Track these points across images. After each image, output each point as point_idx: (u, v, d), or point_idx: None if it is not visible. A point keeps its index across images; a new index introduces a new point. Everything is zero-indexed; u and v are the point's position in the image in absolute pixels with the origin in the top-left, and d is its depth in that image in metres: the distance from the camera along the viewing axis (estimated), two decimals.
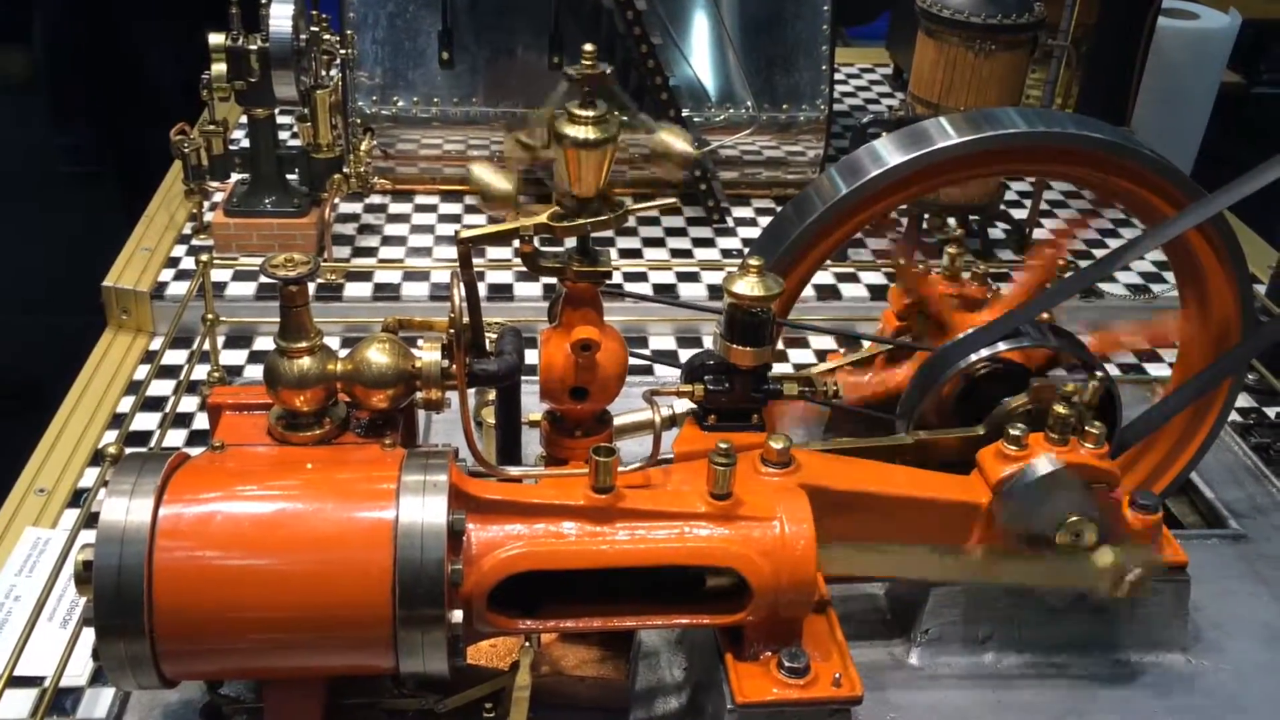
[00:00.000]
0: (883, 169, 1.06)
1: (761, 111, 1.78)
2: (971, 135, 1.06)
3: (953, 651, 1.03)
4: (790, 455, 0.94)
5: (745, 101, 1.77)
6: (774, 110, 1.79)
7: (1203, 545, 1.18)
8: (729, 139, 1.74)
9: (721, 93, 1.79)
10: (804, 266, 1.10)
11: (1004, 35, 1.49)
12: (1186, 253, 1.08)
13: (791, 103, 1.79)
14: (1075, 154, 1.06)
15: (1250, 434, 1.35)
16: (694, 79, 1.78)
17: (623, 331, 1.52)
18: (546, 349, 0.92)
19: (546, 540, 0.85)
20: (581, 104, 0.85)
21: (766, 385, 0.98)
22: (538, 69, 1.73)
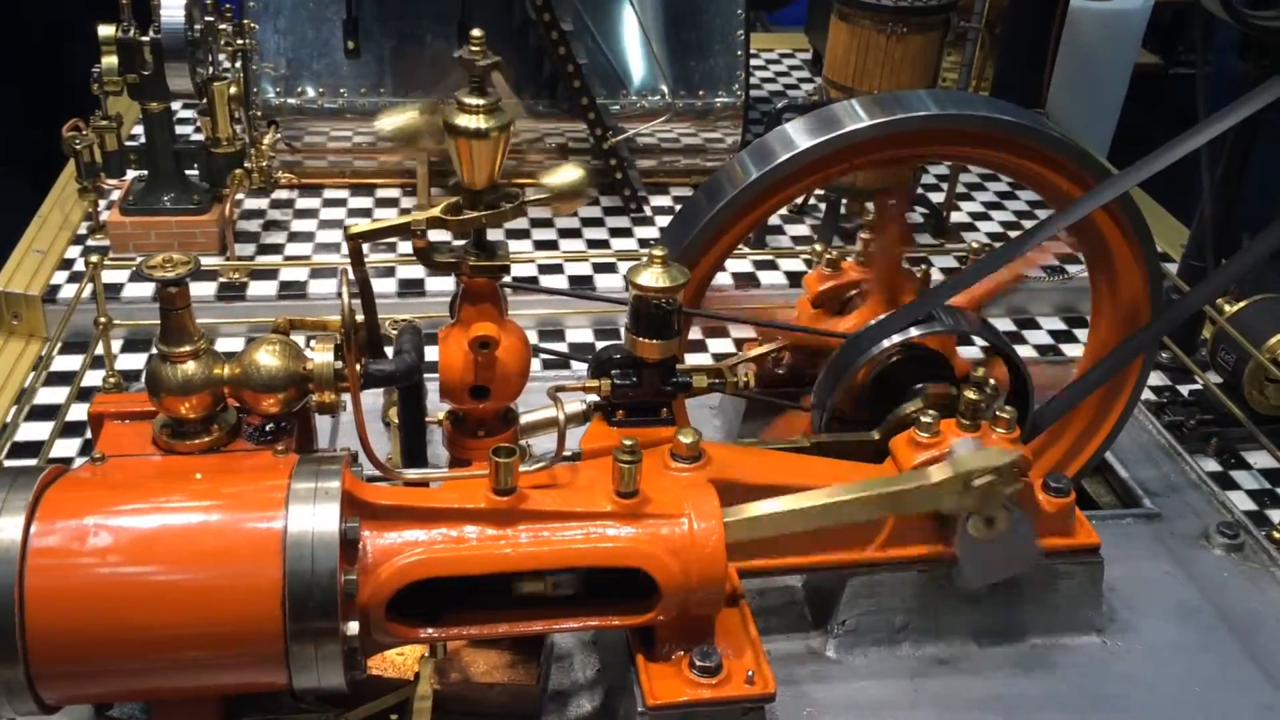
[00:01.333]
0: (792, 153, 1.04)
1: (677, 98, 1.76)
2: (881, 118, 1.04)
3: (870, 642, 1.01)
4: (700, 449, 0.92)
5: (661, 88, 1.75)
6: (690, 97, 1.77)
7: (1117, 525, 1.19)
8: (643, 127, 1.72)
9: (637, 80, 1.77)
10: (716, 252, 1.08)
11: (915, 18, 1.48)
12: (1095, 234, 1.08)
13: (708, 89, 1.77)
14: (984, 136, 1.05)
15: (1164, 412, 1.36)
16: (609, 66, 1.75)
17: (539, 325, 1.51)
18: (444, 347, 0.89)
19: (446, 546, 0.82)
20: (471, 92, 0.82)
21: (675, 378, 0.96)
22: (447, 57, 1.70)
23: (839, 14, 1.53)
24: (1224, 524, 1.16)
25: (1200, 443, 1.33)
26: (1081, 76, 2.37)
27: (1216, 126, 0.99)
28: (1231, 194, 1.37)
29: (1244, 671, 1.02)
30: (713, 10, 1.74)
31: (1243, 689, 1.00)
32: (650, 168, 1.82)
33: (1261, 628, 1.06)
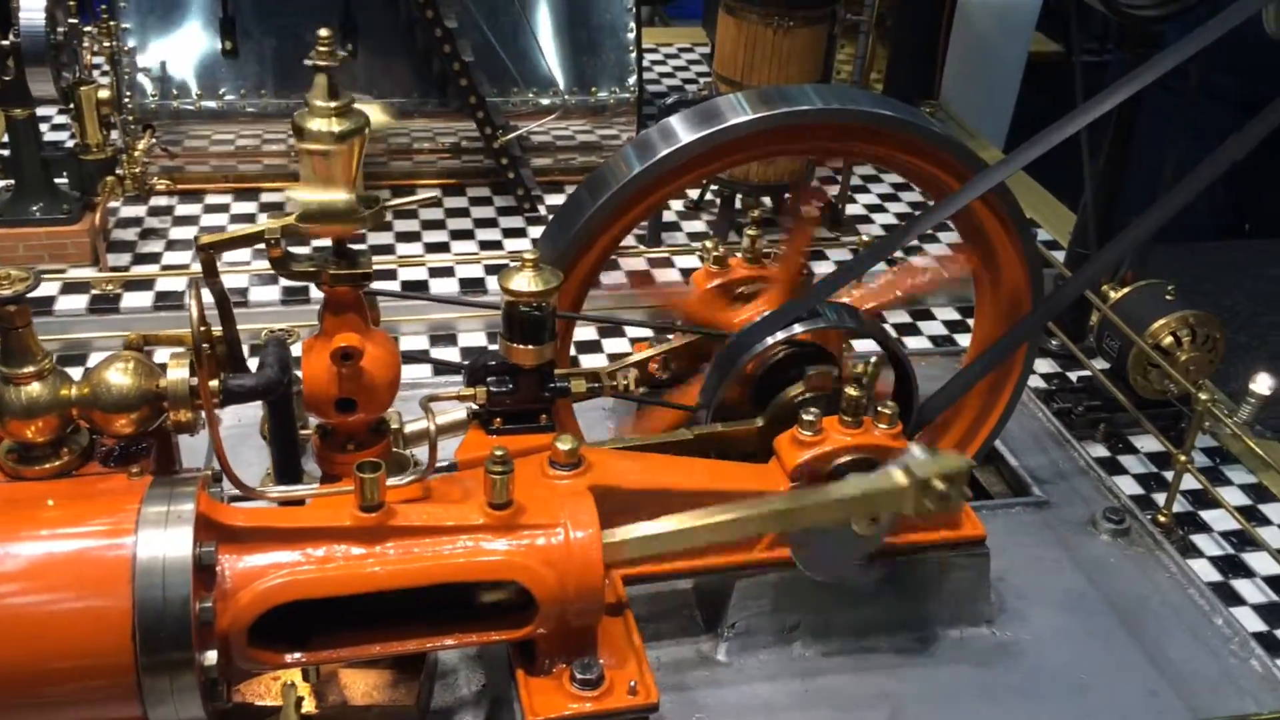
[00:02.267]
0: (674, 147, 1.02)
1: (569, 95, 1.73)
2: (763, 113, 1.03)
3: (761, 644, 1.00)
4: (580, 455, 0.90)
5: (552, 85, 1.72)
6: (582, 94, 1.74)
7: (1007, 514, 1.19)
8: (535, 124, 1.69)
9: (528, 77, 1.74)
10: (599, 248, 1.06)
11: (802, 11, 1.47)
12: (974, 226, 1.08)
13: (600, 85, 1.75)
14: (865, 131, 1.04)
15: (1053, 400, 1.37)
16: (499, 63, 1.72)
17: (430, 330, 1.48)
18: (307, 360, 0.85)
19: (310, 567, 0.79)
20: (324, 95, 0.79)
21: (553, 384, 0.94)
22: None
23: (726, 8, 1.52)
24: (1110, 509, 1.18)
25: (1089, 429, 1.35)
26: (975, 67, 2.39)
27: (1087, 115, 0.99)
28: (1114, 181, 1.39)
29: (1129, 656, 1.03)
30: (603, 6, 1.72)
31: (1128, 674, 1.01)
32: (545, 166, 1.80)
33: (1146, 611, 1.07)
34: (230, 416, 1.23)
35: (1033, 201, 1.87)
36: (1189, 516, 1.24)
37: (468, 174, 1.77)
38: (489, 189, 1.76)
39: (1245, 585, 1.14)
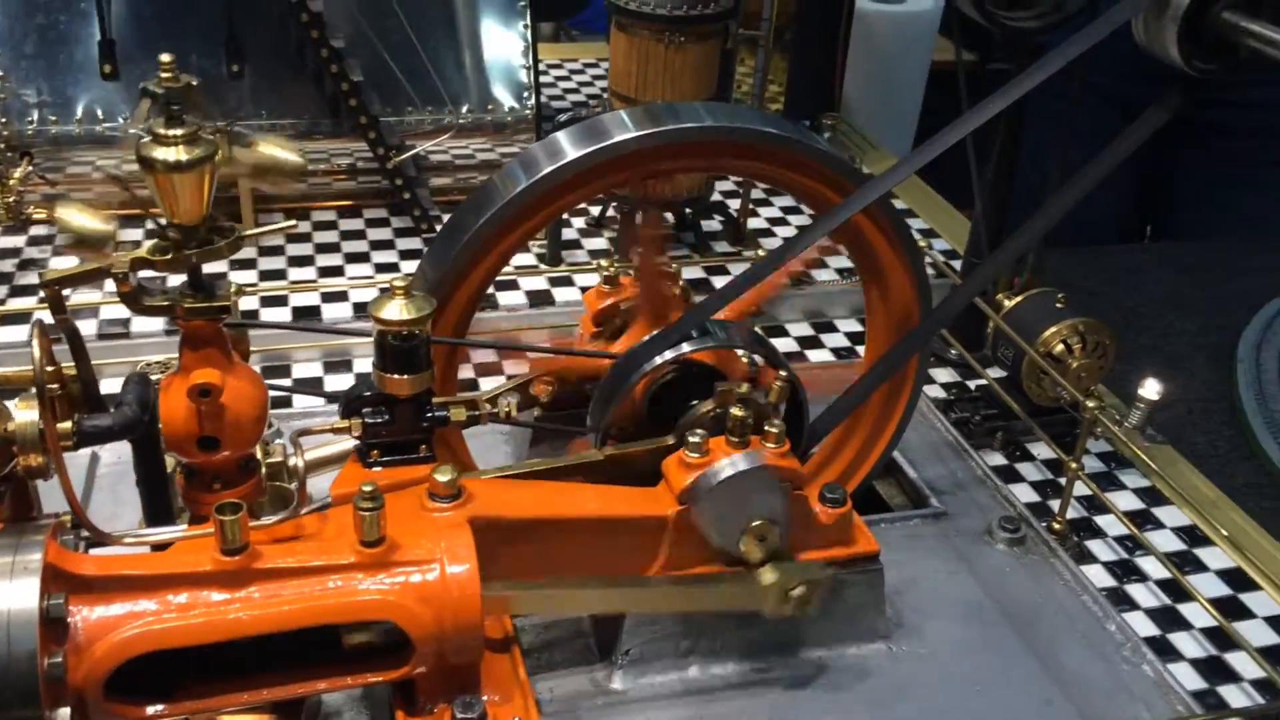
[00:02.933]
0: (558, 164, 1.00)
1: (465, 113, 1.71)
2: (650, 129, 1.02)
3: (656, 670, 0.99)
4: (459, 486, 0.87)
5: (447, 104, 1.70)
6: (479, 111, 1.72)
7: (905, 526, 1.19)
8: (429, 144, 1.66)
9: (424, 96, 1.71)
10: (483, 269, 1.03)
11: (693, 27, 1.47)
12: (859, 240, 1.07)
13: (497, 102, 1.73)
14: (748, 149, 1.03)
15: (952, 409, 1.38)
16: (393, 82, 1.69)
17: (324, 358, 1.44)
18: (165, 398, 0.82)
19: (169, 615, 0.75)
20: (167, 121, 0.76)
21: (431, 413, 0.92)
22: (215, 78, 1.61)
23: (618, 25, 1.51)
24: (1005, 518, 1.18)
25: (986, 437, 1.35)
26: (877, 78, 2.42)
27: (965, 128, 0.99)
28: (1003, 190, 1.40)
29: (1025, 666, 1.03)
30: (498, 23, 1.70)
31: (1024, 685, 1.01)
32: (445, 185, 1.77)
33: (1041, 620, 1.08)
34: (110, 454, 1.19)
35: (932, 211, 1.88)
36: (1084, 522, 1.25)
37: (364, 195, 1.74)
38: (386, 210, 1.73)
39: (1138, 589, 1.15)
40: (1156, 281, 2.12)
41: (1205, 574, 1.18)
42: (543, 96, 2.19)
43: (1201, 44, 0.93)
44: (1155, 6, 0.93)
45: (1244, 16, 0.90)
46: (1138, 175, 2.40)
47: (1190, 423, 1.71)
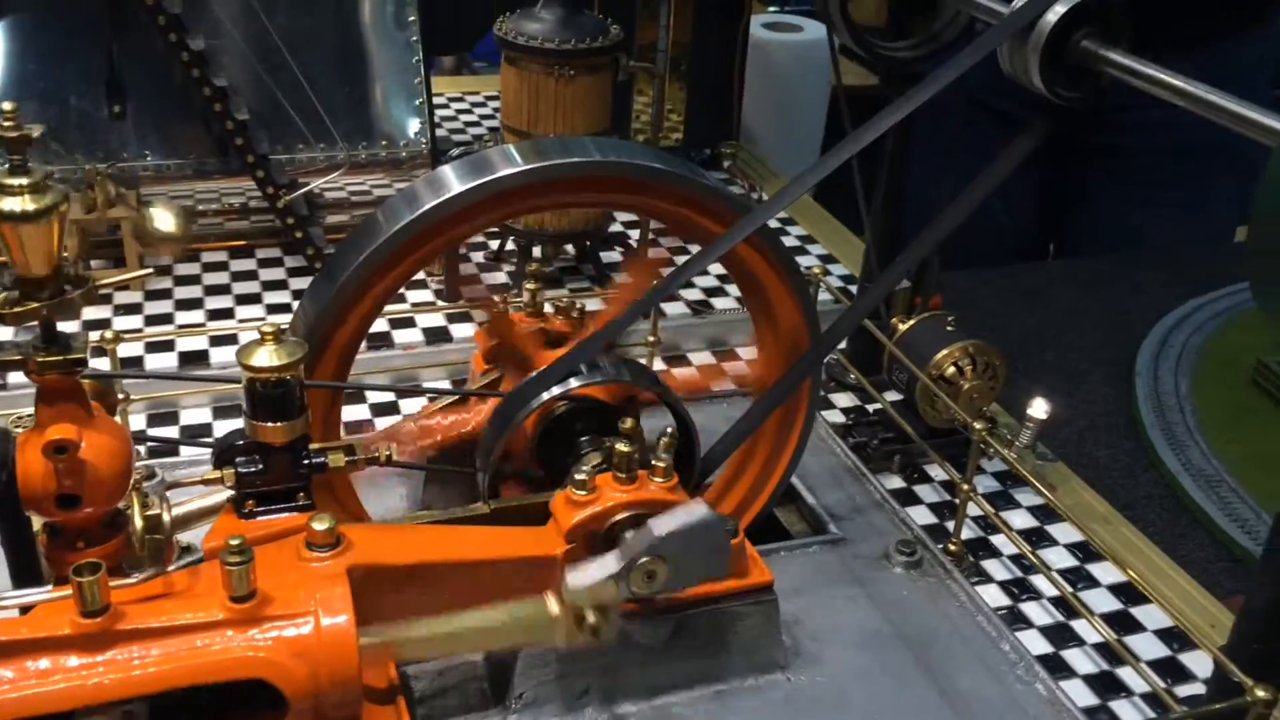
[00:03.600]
0: (440, 199, 0.99)
1: (357, 149, 1.69)
2: (534, 164, 1.01)
3: (551, 713, 0.97)
4: (338, 534, 0.85)
5: (339, 140, 1.68)
6: (372, 147, 1.70)
7: (804, 554, 1.19)
8: (320, 181, 1.64)
9: (316, 132, 1.69)
10: (363, 309, 1.01)
11: (582, 60, 1.47)
12: (743, 269, 1.08)
13: (390, 138, 1.71)
14: (630, 183, 1.03)
15: (850, 434, 1.39)
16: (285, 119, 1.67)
17: (213, 403, 1.40)
18: (22, 454, 0.79)
19: (29, 682, 0.72)
20: (11, 170, 0.73)
21: (308, 460, 0.89)
22: (96, 119, 1.57)
23: (507, 59, 1.51)
24: (902, 542, 1.19)
25: (884, 461, 1.36)
26: (778, 106, 2.45)
27: (841, 155, 1.00)
28: (892, 215, 1.41)
29: (921, 690, 1.03)
30: (388, 57, 1.69)
31: (919, 709, 1.01)
32: (341, 222, 1.74)
33: (937, 643, 1.08)
34: None
35: (831, 237, 1.90)
36: (981, 542, 1.26)
37: (257, 235, 1.71)
38: (280, 249, 1.70)
39: (1032, 608, 1.17)
40: (1057, 299, 2.17)
41: (1098, 589, 1.19)
42: (444, 130, 2.18)
43: (1064, 72, 0.95)
44: (1019, 36, 0.95)
45: (1102, 45, 0.92)
46: (1038, 196, 2.46)
47: (1092, 437, 1.75)
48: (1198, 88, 0.79)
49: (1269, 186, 0.64)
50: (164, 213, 1.29)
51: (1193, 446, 1.69)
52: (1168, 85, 0.82)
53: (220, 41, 1.59)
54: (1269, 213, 0.63)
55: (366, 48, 1.67)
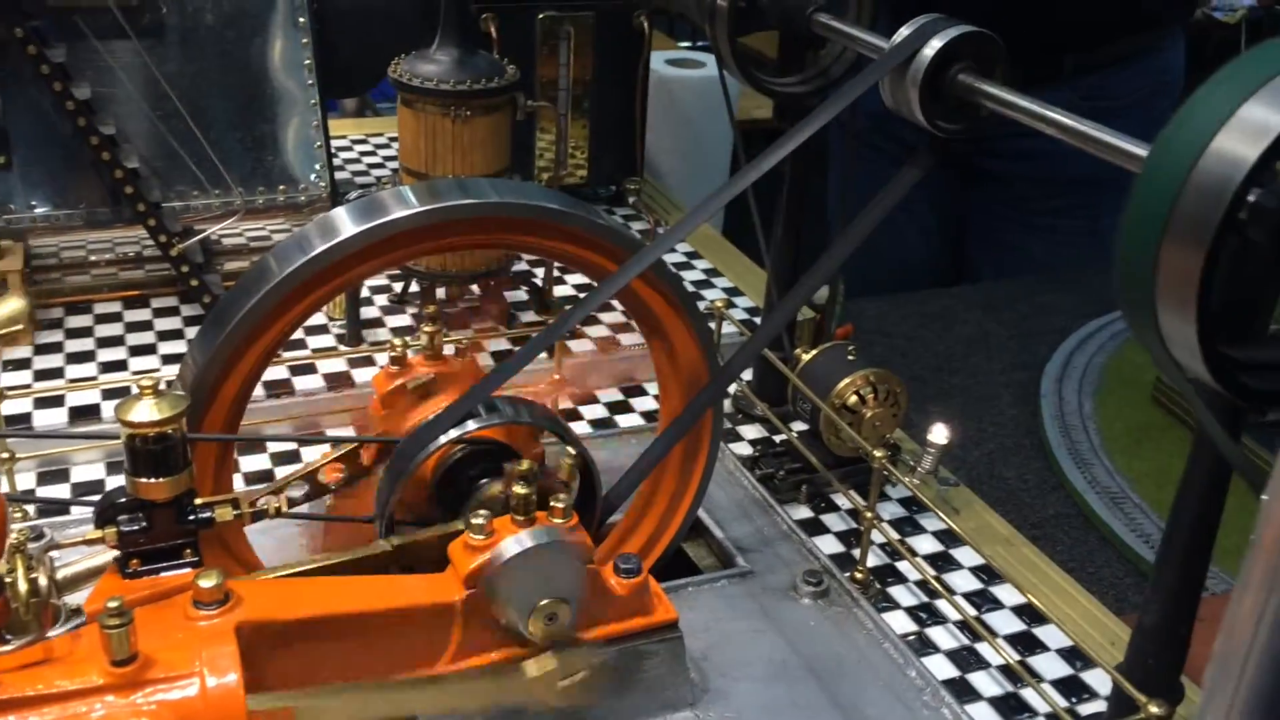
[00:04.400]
0: (331, 243, 0.98)
1: (254, 194, 1.66)
2: (429, 205, 1.01)
3: None
4: (226, 590, 0.83)
5: (236, 186, 1.65)
6: (270, 192, 1.68)
7: (712, 588, 1.19)
8: (215, 227, 1.61)
9: (211, 178, 1.66)
10: (254, 354, 0.99)
11: (478, 100, 1.46)
12: (639, 305, 1.08)
13: (288, 183, 1.69)
14: (523, 224, 1.03)
15: (758, 466, 1.39)
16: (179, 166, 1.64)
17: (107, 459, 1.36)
18: None
19: None
20: None
21: (193, 515, 0.87)
22: None
23: (403, 101, 1.50)
24: (809, 572, 1.19)
25: (792, 491, 1.37)
26: (683, 141, 2.48)
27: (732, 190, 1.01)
28: (793, 246, 1.43)
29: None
30: (284, 101, 1.67)
31: None
32: (240, 269, 1.71)
33: (844, 673, 1.08)
34: None
35: (738, 270, 1.92)
36: (888, 569, 1.27)
37: (152, 284, 1.67)
38: (176, 298, 1.66)
39: (938, 632, 1.18)
40: (965, 323, 2.21)
41: (1002, 611, 1.21)
42: (347, 172, 2.17)
43: (943, 105, 0.97)
44: (898, 70, 0.97)
45: (979, 79, 0.95)
46: (946, 223, 2.51)
47: (1001, 458, 1.78)
48: (1067, 117, 0.81)
49: (1132, 214, 0.66)
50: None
51: (1097, 465, 1.72)
52: (1039, 115, 0.84)
53: (109, 89, 1.55)
54: (1133, 240, 0.64)
55: (261, 92, 1.65)
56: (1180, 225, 0.62)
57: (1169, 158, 0.64)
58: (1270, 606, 0.42)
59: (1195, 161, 0.62)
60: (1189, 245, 0.62)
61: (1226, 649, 0.44)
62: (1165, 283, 0.64)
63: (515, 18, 1.82)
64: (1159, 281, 0.64)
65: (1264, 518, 0.41)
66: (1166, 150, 0.64)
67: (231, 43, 1.62)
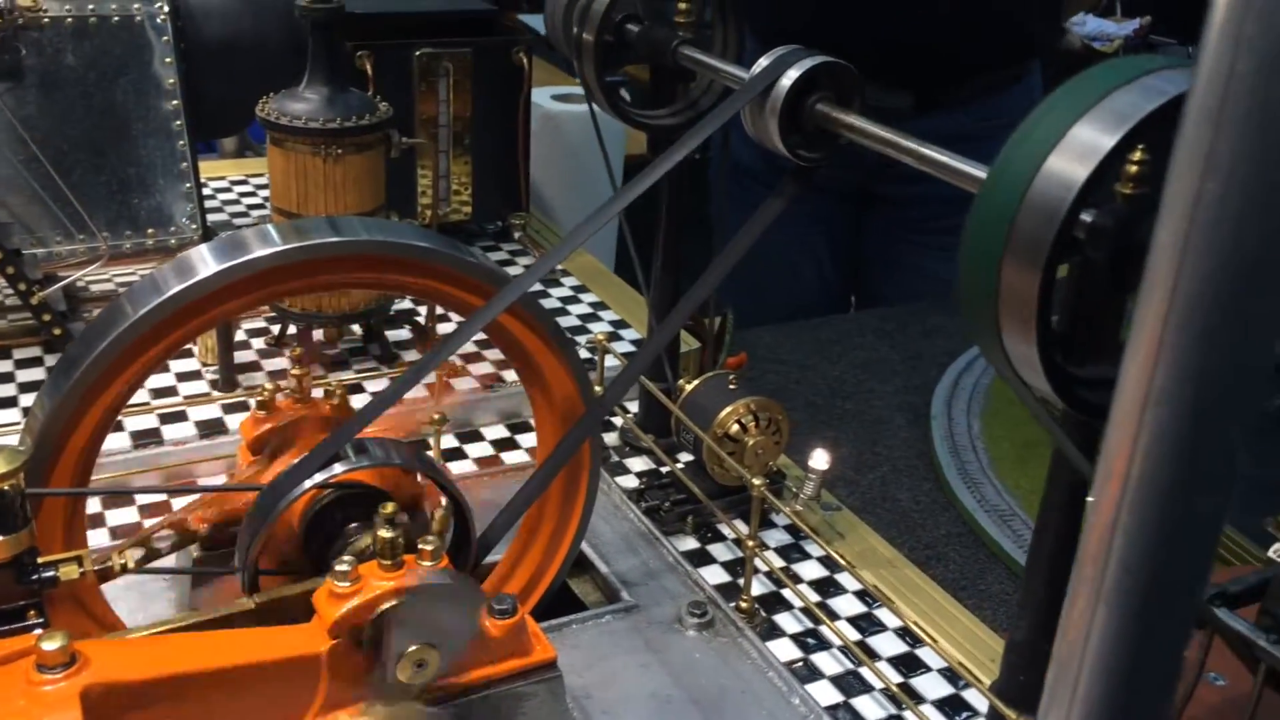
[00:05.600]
0: (188, 283, 0.94)
1: (123, 239, 1.61)
2: (293, 244, 0.98)
3: None
4: (72, 653, 0.79)
5: (102, 231, 1.60)
6: (137, 236, 1.63)
7: (597, 624, 1.18)
8: (79, 274, 1.56)
9: (77, 223, 1.60)
10: (104, 402, 0.95)
11: (350, 138, 1.44)
12: (510, 341, 1.07)
13: (158, 226, 1.64)
14: (396, 263, 1.01)
15: (643, 498, 1.38)
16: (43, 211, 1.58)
17: None
18: None
19: None
20: None
21: (36, 574, 0.83)
22: None
23: (272, 140, 1.47)
24: (694, 603, 1.18)
25: (678, 523, 1.36)
26: (570, 176, 2.47)
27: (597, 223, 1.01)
28: (672, 276, 1.43)
29: None
30: (150, 144, 1.62)
31: None
32: None
33: (729, 703, 1.08)
34: None
35: (624, 303, 1.92)
36: (775, 596, 1.26)
37: (15, 334, 1.60)
38: (40, 348, 1.60)
39: (823, 658, 1.17)
40: (858, 348, 2.24)
41: (886, 633, 1.21)
42: (226, 214, 2.12)
43: (803, 134, 0.98)
44: (758, 101, 0.98)
45: (836, 108, 0.96)
46: (843, 251, 2.55)
47: (894, 480, 1.79)
48: (914, 143, 0.82)
49: (972, 236, 0.66)
50: None
51: (986, 484, 1.75)
52: (890, 142, 0.86)
53: None
54: (973, 262, 0.65)
55: (127, 134, 1.61)
56: (1018, 246, 0.63)
57: (1005, 180, 0.65)
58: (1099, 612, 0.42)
59: (1029, 183, 0.63)
60: (1026, 266, 0.63)
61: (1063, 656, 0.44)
62: (1006, 303, 0.64)
63: (392, 55, 1.80)
64: (1000, 302, 0.64)
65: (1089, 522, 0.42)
66: (1003, 172, 0.65)
67: (94, 84, 1.58)
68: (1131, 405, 0.38)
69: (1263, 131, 0.32)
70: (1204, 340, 0.35)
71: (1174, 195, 0.34)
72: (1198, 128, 0.33)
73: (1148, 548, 0.40)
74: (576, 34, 1.24)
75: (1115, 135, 0.60)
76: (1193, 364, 0.36)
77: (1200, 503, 0.39)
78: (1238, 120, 0.32)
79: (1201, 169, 0.33)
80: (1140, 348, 0.37)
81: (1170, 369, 0.36)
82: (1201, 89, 0.33)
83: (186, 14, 1.64)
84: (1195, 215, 0.34)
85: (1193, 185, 0.34)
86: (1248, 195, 0.33)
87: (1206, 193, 0.33)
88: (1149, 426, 0.38)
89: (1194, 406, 0.37)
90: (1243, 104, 0.32)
